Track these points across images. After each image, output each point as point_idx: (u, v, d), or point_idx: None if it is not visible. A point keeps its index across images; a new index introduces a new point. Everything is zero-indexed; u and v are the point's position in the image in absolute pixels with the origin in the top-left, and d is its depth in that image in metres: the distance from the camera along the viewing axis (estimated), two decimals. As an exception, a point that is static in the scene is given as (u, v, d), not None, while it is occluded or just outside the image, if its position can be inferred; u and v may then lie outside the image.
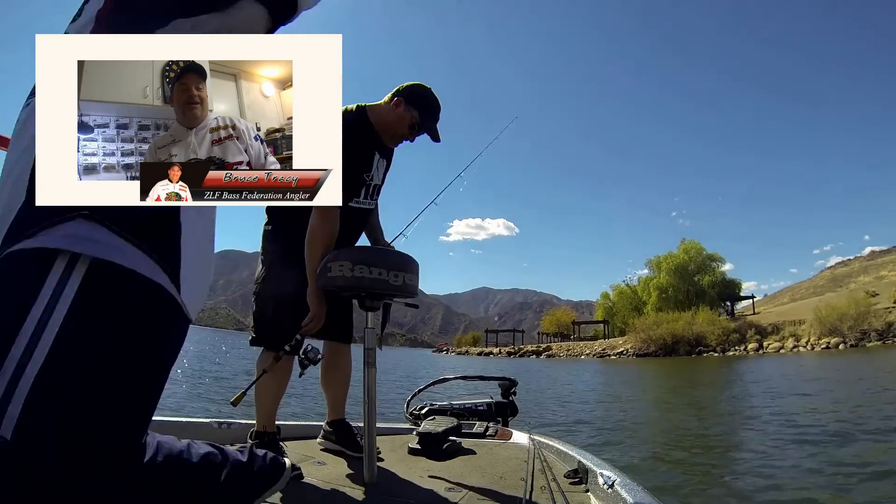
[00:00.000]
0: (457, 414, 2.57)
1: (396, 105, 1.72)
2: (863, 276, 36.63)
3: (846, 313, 21.94)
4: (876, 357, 15.78)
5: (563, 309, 50.13)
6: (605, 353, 29.59)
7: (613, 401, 9.67)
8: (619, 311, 36.78)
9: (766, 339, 24.80)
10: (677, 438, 5.45)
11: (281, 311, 1.69)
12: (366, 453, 1.49)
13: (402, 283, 1.46)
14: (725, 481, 3.67)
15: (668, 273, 33.98)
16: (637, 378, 15.35)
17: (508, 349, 35.54)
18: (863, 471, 3.65)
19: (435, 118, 1.75)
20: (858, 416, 5.85)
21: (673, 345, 26.59)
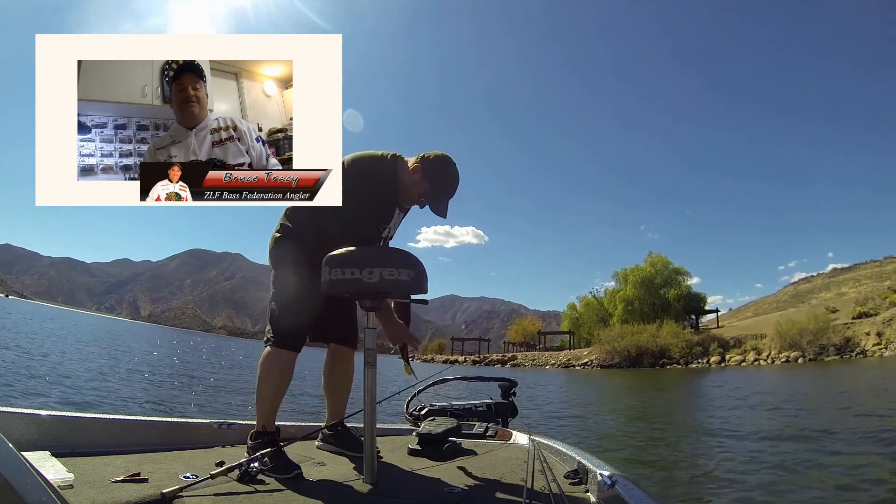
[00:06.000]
0: (457, 415, 2.57)
1: (415, 171, 1.71)
2: (824, 293, 37.13)
3: (806, 328, 22.57)
4: (831, 371, 16.63)
5: (530, 318, 50.29)
6: (570, 364, 30.08)
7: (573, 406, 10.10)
8: (585, 323, 37.15)
9: (728, 352, 25.44)
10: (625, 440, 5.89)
11: (288, 312, 1.70)
12: (366, 454, 1.49)
13: (379, 280, 1.42)
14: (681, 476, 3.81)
15: (635, 286, 34.34)
16: (602, 386, 16.29)
17: (474, 357, 35.76)
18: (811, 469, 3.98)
19: (445, 197, 1.74)
20: (798, 424, 6.23)
21: (637, 356, 27.17)
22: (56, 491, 0.54)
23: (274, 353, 1.70)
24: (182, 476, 1.26)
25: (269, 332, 1.73)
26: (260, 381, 1.70)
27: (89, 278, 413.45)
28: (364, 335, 1.56)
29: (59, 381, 6.96)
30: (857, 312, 23.58)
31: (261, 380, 1.70)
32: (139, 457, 1.49)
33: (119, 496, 1.10)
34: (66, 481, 1.10)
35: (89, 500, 1.05)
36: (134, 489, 1.16)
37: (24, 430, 1.40)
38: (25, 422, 1.42)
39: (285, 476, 1.45)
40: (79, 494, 1.07)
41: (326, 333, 1.94)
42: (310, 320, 1.77)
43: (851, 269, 42.96)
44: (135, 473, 1.24)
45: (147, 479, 1.23)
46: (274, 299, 1.74)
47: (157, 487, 1.16)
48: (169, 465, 1.43)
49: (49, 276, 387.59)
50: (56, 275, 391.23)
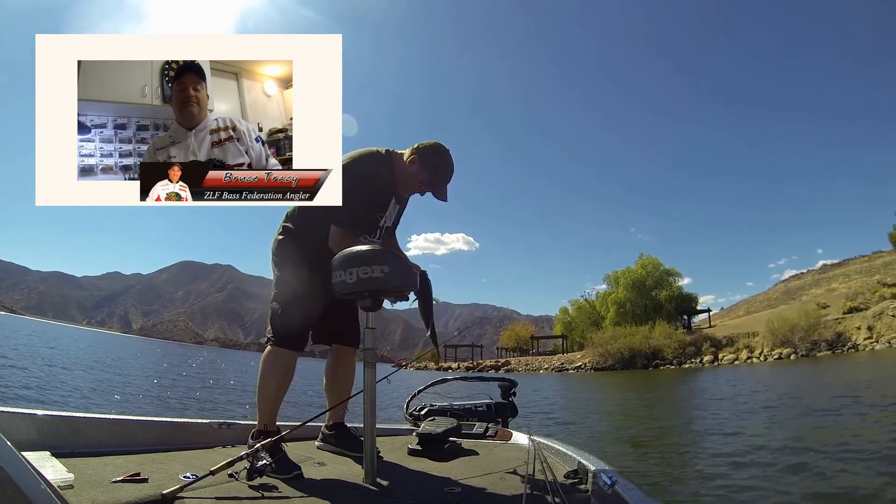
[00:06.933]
0: (456, 415, 2.57)
1: (412, 162, 1.81)
2: (815, 289, 37.51)
3: (797, 325, 22.64)
4: (823, 366, 16.83)
5: (522, 324, 50.28)
6: (564, 368, 30.15)
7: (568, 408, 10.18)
8: (577, 326, 37.19)
9: (721, 351, 25.48)
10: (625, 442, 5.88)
11: (290, 312, 1.71)
12: (366, 454, 1.49)
13: (358, 279, 1.43)
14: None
15: (626, 288, 34.41)
16: (596, 389, 16.52)
17: (467, 364, 35.66)
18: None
19: (444, 182, 1.85)
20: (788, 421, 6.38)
21: (630, 358, 27.24)
22: (56, 491, 0.54)
23: (275, 353, 1.71)
24: (182, 476, 1.26)
25: (269, 331, 1.74)
26: (261, 381, 1.71)
27: (80, 292, 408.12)
28: (364, 335, 1.57)
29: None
30: (847, 307, 23.72)
31: (262, 379, 1.71)
32: (139, 457, 1.49)
33: (119, 496, 1.09)
34: (66, 481, 1.10)
35: (89, 500, 1.04)
36: (134, 489, 1.15)
37: (24, 430, 1.40)
38: (25, 422, 1.42)
39: (285, 476, 1.45)
40: (79, 494, 1.06)
41: (328, 334, 1.95)
42: (312, 320, 1.78)
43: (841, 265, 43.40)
44: (135, 473, 1.23)
45: (147, 479, 1.23)
46: (276, 299, 1.75)
47: (157, 487, 1.16)
48: (169, 465, 1.42)
49: (39, 290, 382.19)
50: (46, 289, 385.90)
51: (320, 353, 2.06)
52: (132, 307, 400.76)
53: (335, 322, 1.92)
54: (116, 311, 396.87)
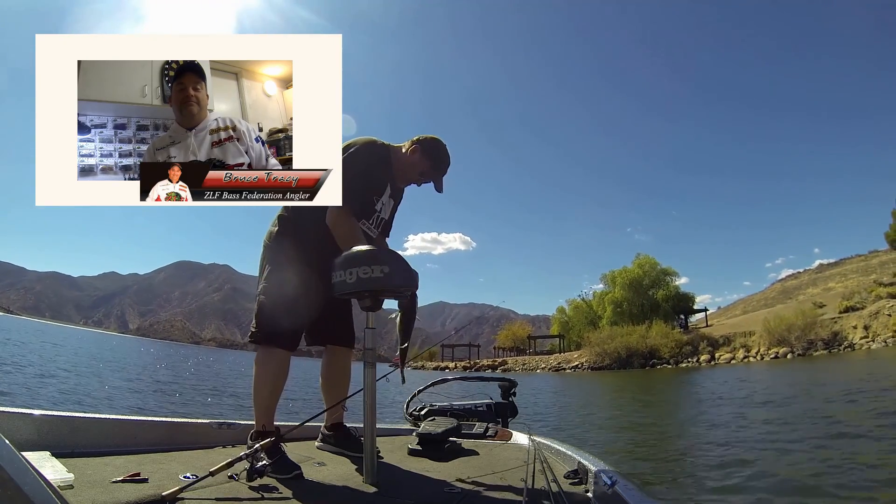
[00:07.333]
0: (457, 415, 2.57)
1: (413, 152, 1.87)
2: (811, 288, 37.65)
3: (794, 324, 22.71)
4: (819, 365, 16.86)
5: (519, 323, 50.24)
6: (561, 367, 30.13)
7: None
8: (574, 326, 37.31)
9: (717, 350, 25.56)
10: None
11: (278, 311, 1.69)
12: (366, 454, 1.49)
13: (358, 279, 1.41)
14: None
15: (623, 287, 34.49)
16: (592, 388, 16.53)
17: (464, 363, 35.69)
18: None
19: (442, 172, 1.92)
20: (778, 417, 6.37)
21: (627, 358, 27.28)
22: (56, 491, 0.54)
23: (268, 352, 1.70)
24: (182, 476, 1.26)
25: (254, 325, 1.70)
26: (255, 381, 1.70)
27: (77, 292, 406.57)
28: (364, 335, 1.57)
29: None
30: (843, 307, 23.74)
31: (256, 380, 1.70)
32: (139, 457, 1.49)
33: (119, 496, 1.09)
34: (66, 481, 1.10)
35: (89, 501, 1.04)
36: (134, 489, 1.15)
37: (24, 430, 1.40)
38: (25, 422, 1.42)
39: (285, 476, 1.45)
40: (79, 494, 1.06)
41: (323, 335, 1.94)
42: (304, 319, 1.76)
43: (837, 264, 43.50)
44: (135, 473, 1.23)
45: (147, 479, 1.23)
46: (264, 293, 1.70)
47: (157, 487, 1.16)
48: (169, 465, 1.42)
49: (36, 290, 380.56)
50: (43, 289, 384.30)
51: (317, 353, 2.07)
52: (129, 307, 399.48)
53: (329, 322, 1.91)
54: (113, 311, 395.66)
